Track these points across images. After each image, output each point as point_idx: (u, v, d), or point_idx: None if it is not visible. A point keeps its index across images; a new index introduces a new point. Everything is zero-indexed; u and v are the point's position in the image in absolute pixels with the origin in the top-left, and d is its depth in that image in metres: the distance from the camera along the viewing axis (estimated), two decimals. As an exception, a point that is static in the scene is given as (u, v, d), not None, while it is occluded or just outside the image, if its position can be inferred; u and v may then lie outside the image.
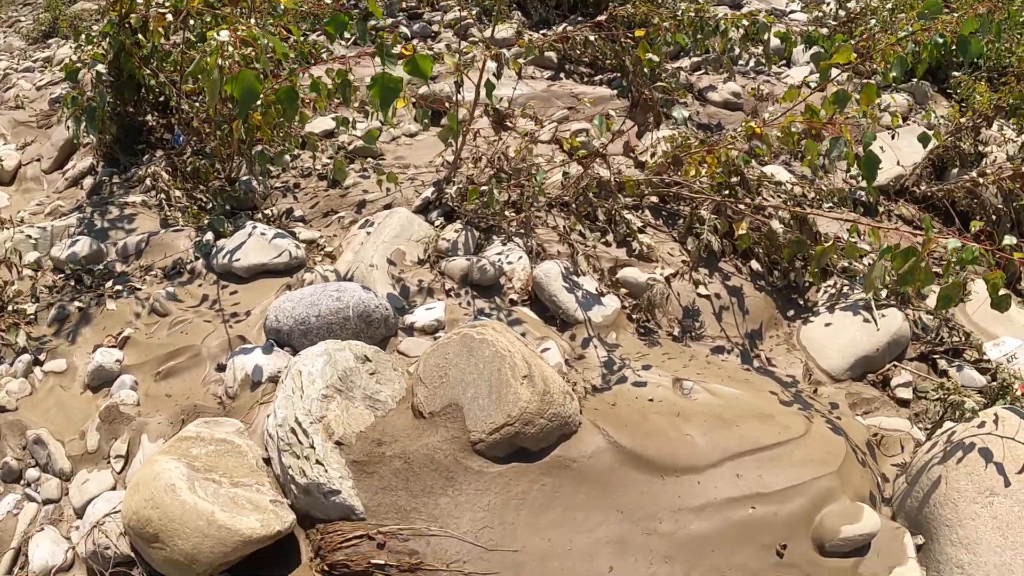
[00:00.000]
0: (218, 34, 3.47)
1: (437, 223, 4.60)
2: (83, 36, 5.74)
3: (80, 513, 3.35)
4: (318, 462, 2.84)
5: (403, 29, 7.85)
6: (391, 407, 3.17)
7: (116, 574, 3.02)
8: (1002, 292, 3.21)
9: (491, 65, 4.17)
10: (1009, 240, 3.31)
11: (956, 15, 4.15)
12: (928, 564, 3.17)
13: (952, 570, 3.08)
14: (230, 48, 3.51)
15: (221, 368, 3.76)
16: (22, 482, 3.58)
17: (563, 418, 3.03)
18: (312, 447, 2.87)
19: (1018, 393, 3.92)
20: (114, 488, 3.39)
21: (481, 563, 2.77)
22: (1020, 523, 3.05)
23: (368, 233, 4.44)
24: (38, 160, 6.56)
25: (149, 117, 5.90)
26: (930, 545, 3.20)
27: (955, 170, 6.04)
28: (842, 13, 8.94)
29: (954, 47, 4.13)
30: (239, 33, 3.58)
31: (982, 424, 3.36)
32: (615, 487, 3.00)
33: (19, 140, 7.00)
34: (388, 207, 4.82)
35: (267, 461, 3.11)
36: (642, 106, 4.11)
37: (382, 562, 2.73)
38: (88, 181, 5.90)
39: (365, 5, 5.33)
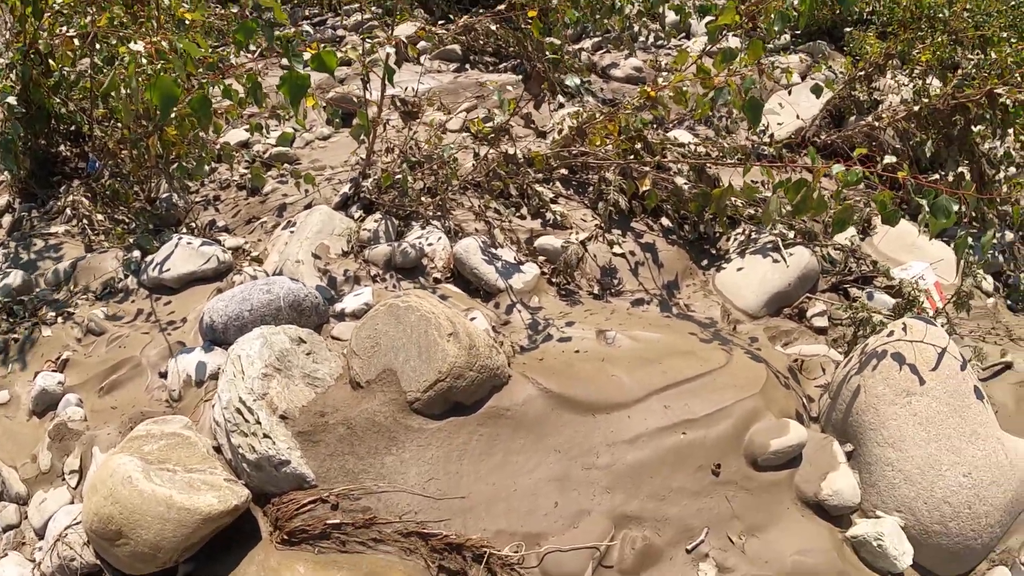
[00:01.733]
0: (133, 44, 3.63)
1: (357, 216, 4.79)
2: None
3: (41, 534, 3.46)
4: (265, 435, 3.04)
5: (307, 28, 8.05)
6: (330, 384, 3.37)
7: (84, 584, 3.17)
8: (890, 208, 3.53)
9: (391, 51, 4.39)
10: (889, 159, 3.64)
11: None
12: (859, 468, 3.47)
13: (882, 468, 3.37)
14: (144, 59, 3.68)
15: (163, 375, 3.91)
16: None
17: (491, 370, 3.27)
18: (258, 423, 3.06)
19: (924, 305, 4.27)
20: (72, 502, 3.50)
21: (432, 512, 3.00)
22: (939, 417, 3.37)
23: (291, 233, 4.63)
24: (-50, 202, 6.59)
25: (62, 148, 5.99)
26: (859, 450, 3.49)
27: (852, 118, 6.43)
28: (739, -18, 9.31)
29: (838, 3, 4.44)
30: (152, 42, 3.76)
31: (891, 333, 3.67)
32: (550, 430, 3.25)
33: (-74, 183, 7.01)
34: (308, 207, 5.01)
35: (217, 449, 3.29)
36: (535, 78, 4.36)
37: (338, 521, 2.94)
38: (7, 219, 5.97)
39: (270, 16, 5.51)
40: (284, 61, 5.39)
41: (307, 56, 3.62)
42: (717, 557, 3.12)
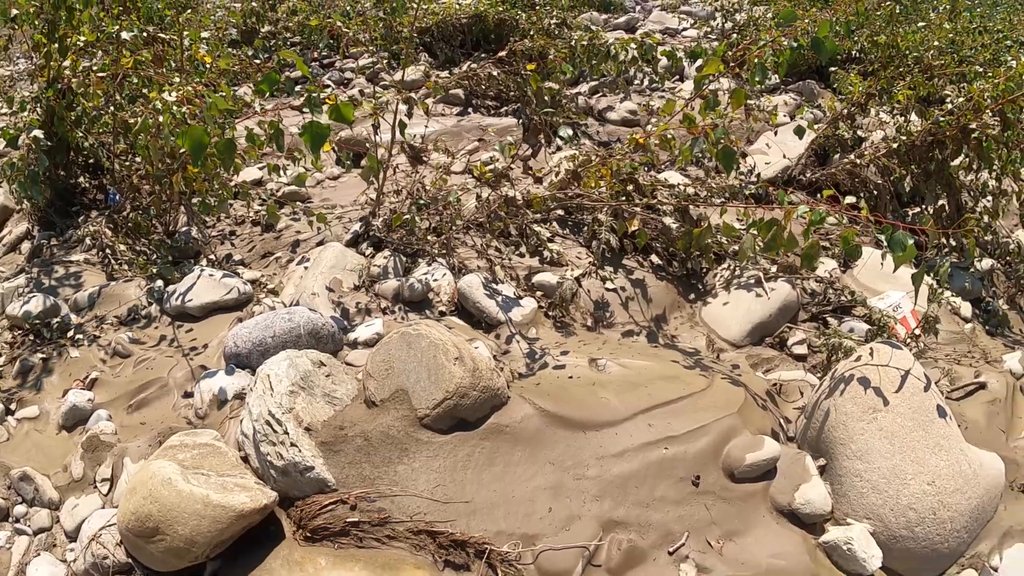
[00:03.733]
0: (169, 95, 4.14)
1: (367, 253, 5.29)
2: (16, 102, 6.25)
3: (73, 536, 3.87)
4: (293, 444, 3.52)
5: (327, 81, 8.60)
6: (347, 403, 3.85)
7: (115, 580, 3.61)
8: (852, 244, 4.02)
9: (403, 107, 4.92)
10: (850, 199, 4.15)
11: (807, 20, 4.94)
12: (831, 479, 3.92)
13: (851, 479, 3.82)
14: (175, 108, 4.20)
15: (188, 395, 4.39)
16: (10, 519, 4.06)
17: (492, 390, 3.76)
18: (286, 433, 3.54)
19: (899, 329, 4.76)
20: (103, 507, 3.91)
21: (439, 513, 3.47)
22: (903, 432, 3.82)
23: (306, 267, 5.12)
24: (-30, 228, 7.07)
25: (81, 179, 6.48)
26: (831, 464, 3.95)
27: (837, 156, 6.95)
28: (729, 26, 9.91)
29: (809, 49, 4.93)
30: (182, 92, 4.28)
31: (859, 357, 4.15)
32: (545, 444, 3.73)
33: (-52, 208, 7.49)
34: (320, 244, 5.51)
35: (244, 459, 3.75)
36: (533, 130, 4.90)
37: (356, 520, 3.41)
38: (26, 246, 6.44)
39: (285, 60, 6.04)
40: (297, 101, 5.93)
41: (327, 107, 4.14)
42: (697, 559, 3.55)
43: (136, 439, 4.19)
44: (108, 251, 5.72)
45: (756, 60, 5.21)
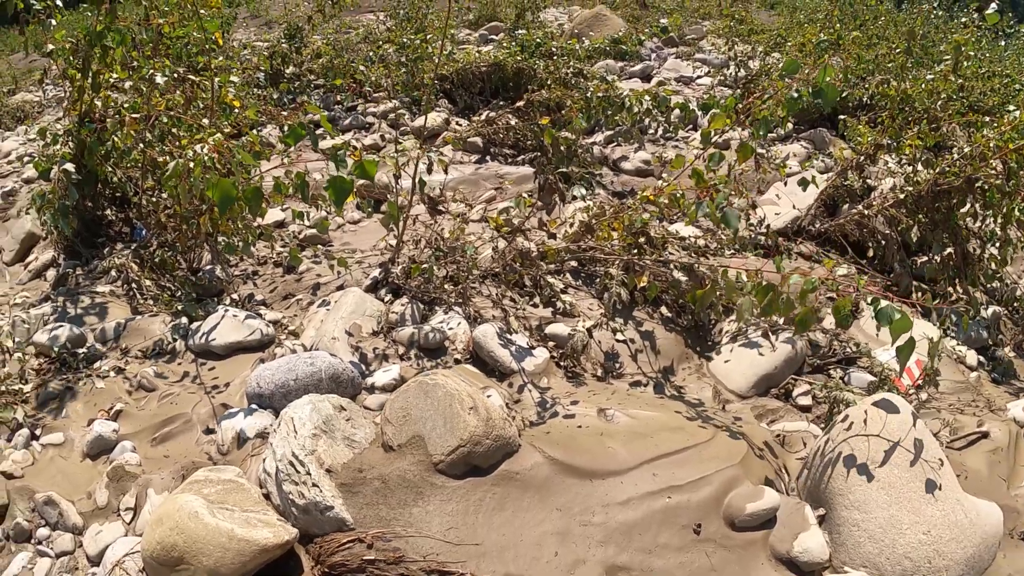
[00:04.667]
0: (201, 148, 4.42)
1: (386, 299, 5.54)
2: (48, 134, 6.51)
3: (95, 561, 4.07)
4: (314, 484, 3.75)
5: (349, 127, 8.90)
6: (365, 446, 4.09)
7: (136, 608, 3.84)
8: (844, 313, 4.22)
9: (422, 166, 5.19)
10: (843, 269, 4.37)
11: (807, 70, 5.12)
12: (830, 529, 4.07)
13: (849, 529, 3.98)
14: (206, 159, 4.48)
15: (210, 431, 4.62)
16: (33, 541, 4.25)
17: (504, 439, 3.99)
18: (308, 473, 3.77)
19: (905, 380, 4.95)
20: (126, 535, 4.12)
21: (451, 554, 3.69)
22: (900, 483, 3.97)
23: (327, 311, 5.37)
24: (-2, 252, 7.35)
25: (108, 211, 6.76)
26: (830, 513, 4.10)
27: (846, 206, 7.16)
28: (742, 74, 10.18)
29: (814, 99, 5.11)
30: (215, 142, 4.56)
31: (855, 416, 4.28)
32: (553, 491, 3.94)
33: (-25, 234, 7.77)
34: (340, 288, 5.77)
35: (266, 496, 3.98)
36: (548, 189, 5.17)
37: (372, 558, 3.63)
38: (51, 273, 6.69)
39: (308, 111, 6.32)
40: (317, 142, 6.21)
41: (351, 163, 4.41)
42: (697, 605, 3.77)
43: (160, 471, 4.41)
44: (134, 285, 5.97)
45: (761, 113, 5.45)
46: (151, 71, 6.18)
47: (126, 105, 6.02)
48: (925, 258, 6.83)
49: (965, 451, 4.85)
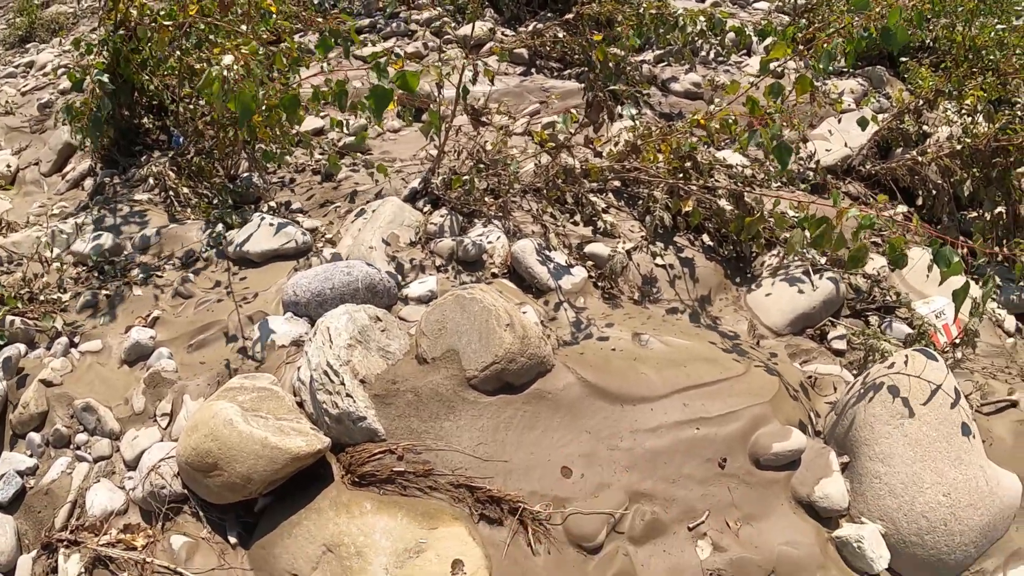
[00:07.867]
0: (226, 58, 4.49)
1: (425, 210, 5.65)
2: (83, 45, 6.62)
3: (132, 465, 4.29)
4: (348, 395, 3.92)
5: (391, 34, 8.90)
6: (399, 357, 4.24)
7: (171, 508, 4.02)
8: (898, 252, 4.28)
9: (467, 74, 5.23)
10: (902, 208, 4.41)
11: (878, 9, 5.07)
12: (852, 477, 4.19)
13: (871, 480, 4.10)
14: (233, 70, 4.54)
15: (247, 337, 4.81)
16: (72, 446, 4.50)
17: (539, 357, 4.13)
18: (343, 383, 3.94)
19: (941, 336, 5.01)
20: (162, 440, 4.33)
21: (479, 470, 3.87)
22: (927, 441, 4.06)
23: (365, 220, 5.50)
24: (36, 164, 7.54)
25: (145, 120, 6.89)
26: (853, 462, 4.22)
27: (899, 150, 7.14)
28: (802, 1, 10.02)
29: (882, 41, 5.09)
30: (246, 50, 4.63)
31: (892, 364, 4.39)
32: (583, 413, 4.09)
33: (13, 145, 7.98)
34: (378, 196, 5.88)
35: (299, 404, 4.16)
36: (596, 107, 5.19)
37: (402, 469, 3.81)
38: (88, 183, 6.87)
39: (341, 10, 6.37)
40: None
41: (393, 73, 4.46)
42: (714, 537, 3.90)
43: (196, 378, 4.61)
44: (171, 193, 6.12)
45: (824, 46, 5.42)
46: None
47: (161, 12, 6.08)
48: (975, 214, 6.78)
49: (992, 417, 4.91)
